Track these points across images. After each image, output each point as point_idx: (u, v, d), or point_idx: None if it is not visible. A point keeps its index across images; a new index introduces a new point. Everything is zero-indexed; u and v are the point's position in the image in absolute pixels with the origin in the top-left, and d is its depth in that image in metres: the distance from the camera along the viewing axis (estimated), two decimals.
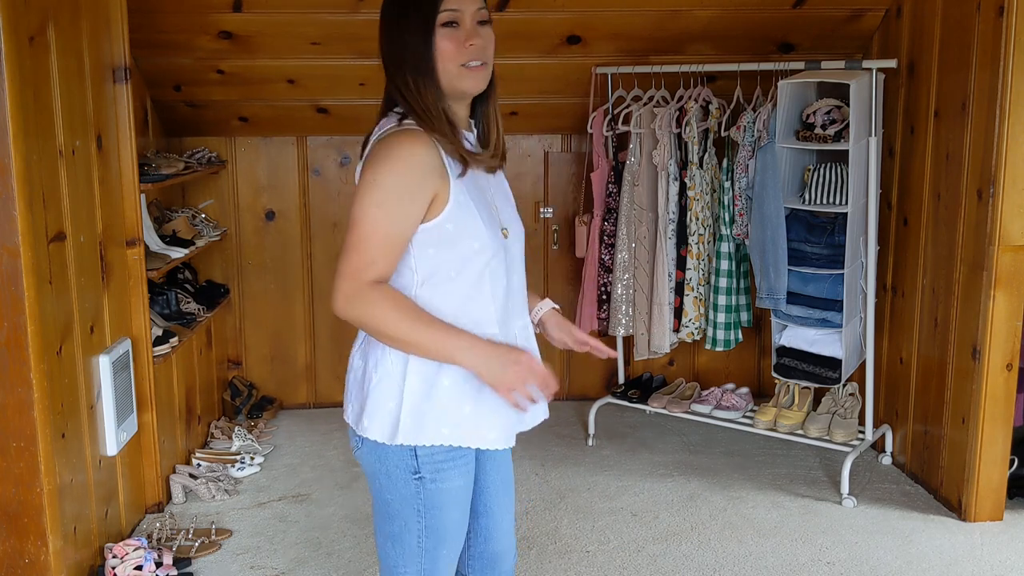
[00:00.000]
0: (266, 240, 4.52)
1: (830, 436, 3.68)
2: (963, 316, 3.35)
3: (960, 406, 3.39)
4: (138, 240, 3.32)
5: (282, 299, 4.57)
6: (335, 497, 3.64)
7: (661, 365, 4.65)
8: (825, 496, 3.60)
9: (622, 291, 3.96)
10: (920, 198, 3.61)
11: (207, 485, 3.61)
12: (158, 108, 4.18)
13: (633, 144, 3.88)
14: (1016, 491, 3.47)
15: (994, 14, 3.11)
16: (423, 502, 1.85)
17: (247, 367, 4.62)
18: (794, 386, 3.89)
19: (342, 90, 4.14)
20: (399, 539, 1.88)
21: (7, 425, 2.58)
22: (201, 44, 3.82)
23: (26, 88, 2.54)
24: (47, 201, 2.67)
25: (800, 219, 3.65)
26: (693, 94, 3.81)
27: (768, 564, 3.10)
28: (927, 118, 3.54)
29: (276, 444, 4.18)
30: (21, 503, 2.62)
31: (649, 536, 3.31)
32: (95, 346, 3.01)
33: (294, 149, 4.46)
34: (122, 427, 3.15)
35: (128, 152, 3.28)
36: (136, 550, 2.97)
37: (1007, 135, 3.10)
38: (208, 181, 4.41)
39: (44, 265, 2.64)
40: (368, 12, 3.70)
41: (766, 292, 3.60)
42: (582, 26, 3.84)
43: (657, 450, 4.08)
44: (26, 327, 2.54)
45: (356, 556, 3.18)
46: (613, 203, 3.99)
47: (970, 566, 3.08)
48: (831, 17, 3.83)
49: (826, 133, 3.49)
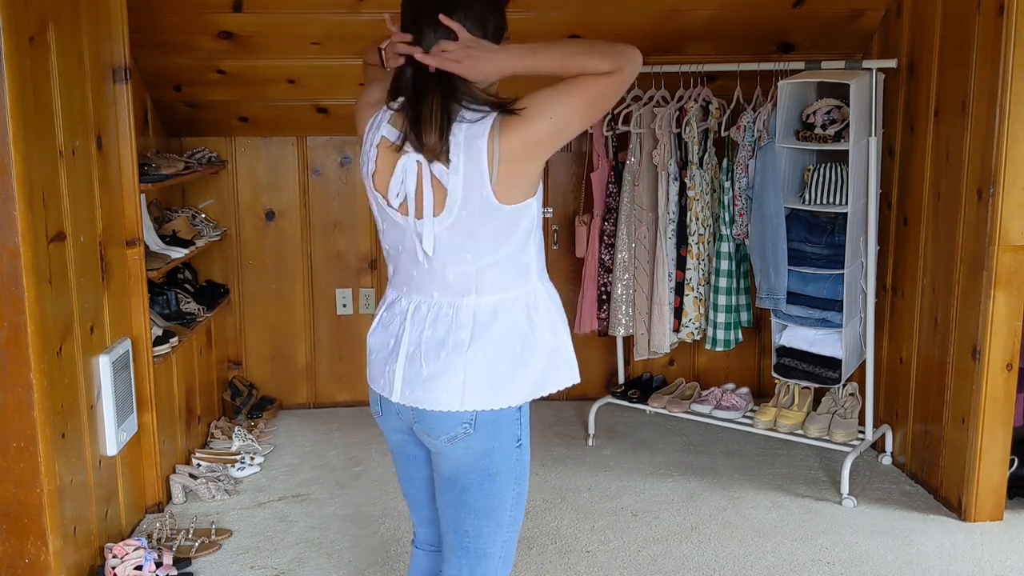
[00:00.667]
0: (266, 240, 4.52)
1: (830, 436, 3.68)
2: (963, 316, 3.35)
3: (960, 406, 3.39)
4: (138, 240, 3.32)
5: (282, 299, 4.57)
6: (335, 497, 3.64)
7: (661, 365, 4.65)
8: (825, 496, 3.60)
9: (622, 291, 3.96)
10: (920, 198, 3.61)
11: (207, 485, 3.61)
12: (158, 108, 4.18)
13: (633, 144, 3.88)
14: (1016, 491, 3.47)
15: (994, 13, 3.11)
16: (520, 470, 1.90)
17: (247, 367, 4.62)
18: (794, 386, 3.89)
19: (342, 90, 4.14)
20: (493, 515, 1.89)
21: (7, 425, 2.58)
22: (201, 44, 3.82)
23: (26, 88, 2.54)
24: (47, 201, 2.67)
25: (800, 219, 3.65)
26: (693, 94, 3.81)
27: (768, 564, 3.10)
28: (927, 118, 3.54)
29: (276, 444, 4.18)
30: (21, 503, 2.62)
31: (649, 536, 3.31)
32: (95, 346, 3.01)
33: (294, 149, 4.46)
34: (122, 427, 3.15)
35: (128, 152, 3.28)
36: (136, 550, 2.97)
37: (1007, 134, 3.10)
38: (208, 181, 4.41)
39: (44, 265, 2.64)
40: (368, 12, 3.70)
41: (766, 292, 3.60)
42: (582, 26, 3.84)
43: (657, 450, 4.08)
44: (26, 327, 2.54)
45: (356, 556, 3.18)
46: (613, 203, 3.99)
47: (970, 566, 3.08)
48: (831, 17, 3.83)
49: (826, 133, 3.49)
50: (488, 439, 1.85)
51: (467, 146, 1.74)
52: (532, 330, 1.86)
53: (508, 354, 1.83)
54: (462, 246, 1.80)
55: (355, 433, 4.30)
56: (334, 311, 4.58)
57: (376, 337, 1.96)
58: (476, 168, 1.74)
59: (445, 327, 1.84)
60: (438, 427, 1.85)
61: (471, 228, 1.78)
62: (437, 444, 1.88)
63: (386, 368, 1.91)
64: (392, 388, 1.89)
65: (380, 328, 1.96)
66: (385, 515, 3.47)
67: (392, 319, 1.93)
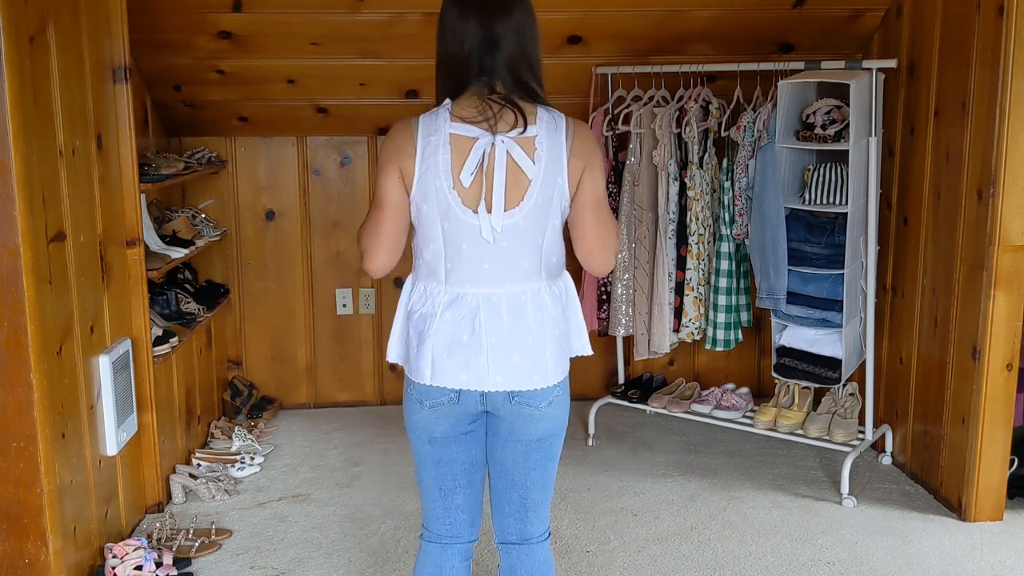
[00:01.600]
0: (266, 240, 4.52)
1: (830, 436, 3.68)
2: (963, 316, 3.35)
3: (960, 406, 3.39)
4: (138, 240, 3.32)
5: (282, 299, 4.57)
6: (335, 497, 3.64)
7: (661, 365, 4.65)
8: (825, 496, 3.60)
9: (622, 291, 3.96)
10: (920, 198, 3.61)
11: (207, 485, 3.61)
12: (158, 108, 4.18)
13: (633, 144, 3.88)
14: (1016, 491, 3.47)
15: (994, 14, 3.11)
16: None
17: (247, 367, 4.62)
18: (794, 386, 3.89)
19: (342, 90, 4.14)
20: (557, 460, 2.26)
21: (7, 425, 2.58)
22: (201, 44, 3.82)
23: (26, 88, 2.54)
24: (47, 201, 2.67)
25: (800, 219, 3.65)
26: (693, 94, 3.81)
27: (768, 564, 3.11)
28: (927, 118, 3.54)
29: (276, 444, 4.18)
30: (21, 503, 2.62)
31: (649, 536, 3.31)
32: (95, 346, 3.01)
33: (294, 149, 4.46)
34: (122, 427, 3.15)
35: (128, 152, 3.28)
36: (136, 550, 2.97)
37: (1007, 134, 3.10)
38: (208, 181, 4.42)
39: (44, 265, 2.64)
40: (368, 12, 3.70)
41: (766, 292, 3.60)
42: (582, 26, 3.84)
43: (657, 450, 4.08)
44: (26, 327, 2.54)
45: (356, 556, 3.18)
46: (613, 203, 3.99)
47: (970, 566, 3.08)
48: (831, 17, 3.83)
49: (826, 133, 3.49)
50: (567, 398, 2.17)
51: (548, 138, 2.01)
52: (569, 304, 2.18)
53: (564, 328, 2.14)
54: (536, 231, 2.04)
55: (355, 433, 4.30)
56: (334, 311, 4.58)
57: (443, 336, 2.05)
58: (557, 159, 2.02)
59: (522, 314, 2.05)
60: (538, 397, 2.09)
61: (545, 215, 2.03)
62: (535, 412, 2.11)
63: (469, 362, 2.04)
64: (481, 379, 2.05)
65: (446, 327, 2.05)
66: (385, 515, 3.48)
67: (461, 316, 2.04)
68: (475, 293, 2.03)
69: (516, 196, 2.00)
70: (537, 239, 2.04)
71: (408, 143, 2.01)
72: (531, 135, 1.98)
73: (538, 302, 2.07)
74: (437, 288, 2.06)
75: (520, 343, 2.04)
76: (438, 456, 2.17)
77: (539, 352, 2.05)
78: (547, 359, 2.07)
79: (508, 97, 2.00)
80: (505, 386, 2.05)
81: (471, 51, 1.99)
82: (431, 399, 2.10)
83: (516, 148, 1.98)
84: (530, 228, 2.02)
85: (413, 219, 2.07)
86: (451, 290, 2.05)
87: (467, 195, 1.99)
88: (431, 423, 2.13)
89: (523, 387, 2.06)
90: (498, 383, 2.04)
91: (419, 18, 3.74)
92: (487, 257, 2.01)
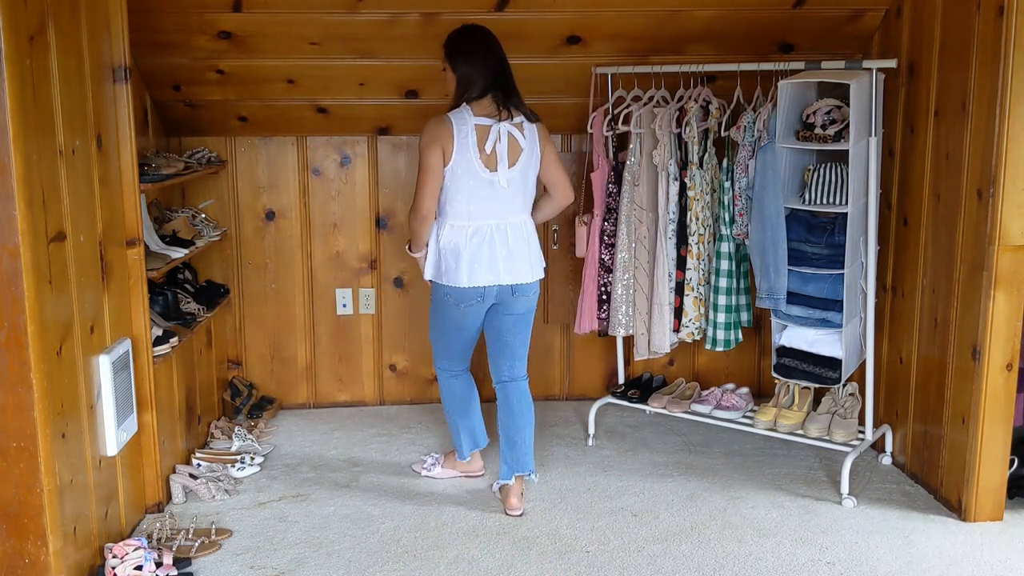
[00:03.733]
0: (266, 240, 4.52)
1: (830, 436, 3.68)
2: (963, 316, 3.35)
3: (960, 406, 3.39)
4: (138, 240, 3.32)
5: (282, 299, 4.57)
6: (335, 497, 3.64)
7: (661, 365, 4.65)
8: (825, 496, 3.60)
9: (622, 291, 3.96)
10: (920, 198, 3.61)
11: (207, 485, 3.61)
12: (157, 108, 4.18)
13: (633, 144, 3.88)
14: (1016, 491, 3.47)
15: (994, 14, 3.11)
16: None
17: (247, 367, 4.62)
18: (794, 386, 3.89)
19: (341, 90, 4.14)
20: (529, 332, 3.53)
21: (7, 425, 2.58)
22: (200, 44, 3.82)
23: (26, 88, 2.54)
24: (47, 201, 2.66)
25: (800, 219, 3.65)
26: (693, 94, 3.81)
27: (768, 564, 3.11)
28: (927, 118, 3.54)
29: (276, 444, 4.18)
30: (21, 503, 2.62)
31: (649, 536, 3.31)
32: (95, 346, 3.01)
33: (294, 149, 4.46)
34: (122, 427, 3.15)
35: (128, 152, 3.27)
36: (136, 550, 2.97)
37: (1007, 135, 3.10)
38: (208, 181, 4.41)
39: (44, 265, 2.64)
40: (367, 12, 3.70)
41: (766, 292, 3.60)
42: (582, 26, 3.84)
43: (657, 450, 4.08)
44: (26, 327, 2.54)
45: (356, 556, 3.18)
46: (613, 203, 3.99)
47: (970, 566, 3.08)
48: (831, 17, 3.83)
49: (826, 133, 3.49)
50: (538, 288, 3.47)
51: (528, 126, 3.33)
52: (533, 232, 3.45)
53: (536, 246, 3.44)
54: (525, 180, 3.33)
55: (355, 433, 4.30)
56: (334, 311, 4.58)
57: (470, 251, 3.27)
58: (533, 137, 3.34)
59: (520, 234, 3.34)
60: (529, 288, 3.40)
61: (530, 170, 3.33)
62: (527, 300, 3.42)
63: (492, 266, 3.29)
64: (500, 276, 3.31)
65: (472, 245, 3.28)
66: (385, 515, 3.48)
67: (481, 238, 3.27)
68: (489, 224, 3.28)
69: (514, 158, 3.27)
70: (526, 186, 3.33)
71: (447, 131, 3.20)
72: (519, 122, 3.29)
73: (528, 228, 3.38)
74: (463, 223, 3.28)
75: (520, 253, 3.33)
76: (465, 326, 3.46)
77: (531, 258, 3.38)
78: (535, 263, 3.40)
79: (507, 102, 3.26)
80: (513, 280, 3.33)
81: (489, 75, 3.23)
82: (465, 300, 3.34)
83: (514, 130, 3.27)
84: (522, 178, 3.31)
85: (447, 180, 3.23)
86: (473, 223, 3.27)
87: (487, 160, 3.23)
88: (461, 316, 3.40)
89: (524, 280, 3.36)
90: (510, 279, 3.33)
91: (417, 18, 3.74)
92: (495, 199, 3.27)
